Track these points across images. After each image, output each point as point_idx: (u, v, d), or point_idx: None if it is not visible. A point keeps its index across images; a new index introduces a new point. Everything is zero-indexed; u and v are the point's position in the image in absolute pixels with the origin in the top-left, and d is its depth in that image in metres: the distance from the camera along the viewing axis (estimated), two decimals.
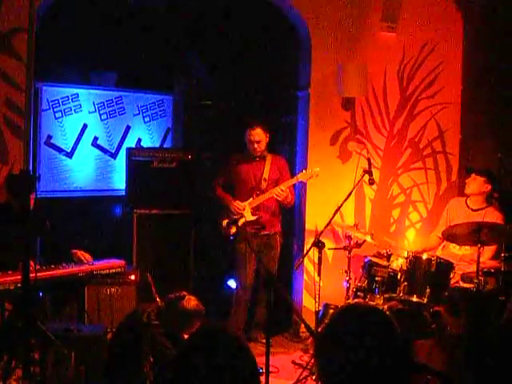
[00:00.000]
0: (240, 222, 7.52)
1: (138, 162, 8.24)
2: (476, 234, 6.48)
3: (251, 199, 7.69)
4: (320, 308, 6.82)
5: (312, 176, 7.58)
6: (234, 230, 7.44)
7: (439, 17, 8.47)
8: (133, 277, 7.26)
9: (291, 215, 8.28)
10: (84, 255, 6.93)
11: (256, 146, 7.70)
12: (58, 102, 8.63)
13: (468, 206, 7.38)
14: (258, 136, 7.68)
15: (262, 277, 7.51)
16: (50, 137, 8.60)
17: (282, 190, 7.57)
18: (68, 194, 8.84)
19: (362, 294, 6.95)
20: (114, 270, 7.04)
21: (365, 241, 7.22)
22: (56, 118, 8.62)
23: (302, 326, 6.74)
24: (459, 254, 7.26)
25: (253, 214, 7.67)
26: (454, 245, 7.29)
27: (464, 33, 8.56)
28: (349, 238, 7.15)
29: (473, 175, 7.35)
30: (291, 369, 6.98)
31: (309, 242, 7.56)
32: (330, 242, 7.88)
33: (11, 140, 7.12)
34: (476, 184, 7.31)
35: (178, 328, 5.49)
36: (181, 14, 9.29)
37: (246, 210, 7.62)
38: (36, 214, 6.59)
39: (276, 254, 7.86)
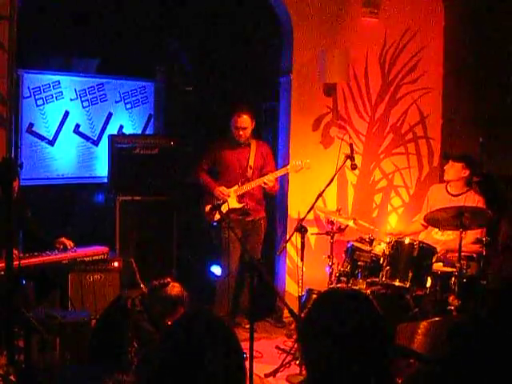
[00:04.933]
0: (223, 208, 7.47)
1: (121, 148, 8.22)
2: (458, 219, 6.51)
3: (237, 186, 7.68)
4: (303, 293, 6.84)
5: (302, 168, 7.57)
6: (217, 216, 7.38)
7: (421, 2, 8.50)
8: (116, 263, 7.25)
9: (274, 200, 8.29)
10: (67, 242, 6.93)
11: (242, 132, 7.67)
12: (40, 90, 8.59)
13: (448, 192, 7.40)
14: (245, 123, 7.65)
15: (246, 262, 7.53)
16: (31, 124, 8.57)
17: (270, 180, 7.58)
18: (50, 181, 8.81)
19: (344, 279, 6.97)
20: (97, 257, 7.05)
21: (347, 226, 7.23)
22: (37, 106, 8.59)
23: (286, 311, 6.76)
24: (442, 239, 7.29)
25: (239, 202, 7.67)
26: (436, 230, 7.32)
27: (445, 18, 8.59)
28: (331, 223, 7.16)
29: (450, 161, 7.38)
30: (275, 354, 7.00)
31: (291, 227, 7.57)
32: (313, 227, 7.91)
33: None
34: (454, 170, 7.32)
35: (161, 314, 5.49)
36: (162, 0, 9.27)
37: (231, 197, 7.61)
38: (17, 203, 6.58)
39: (260, 239, 7.88)
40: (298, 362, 6.39)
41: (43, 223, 7.18)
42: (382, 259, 6.74)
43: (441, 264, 6.88)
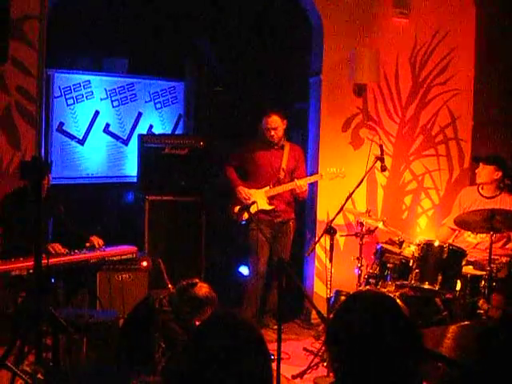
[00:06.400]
0: (252, 209, 7.40)
1: (150, 148, 8.24)
2: (489, 221, 6.45)
3: (268, 188, 7.65)
4: (331, 295, 6.81)
5: (338, 176, 7.55)
6: (245, 215, 7.35)
7: (452, 2, 8.43)
8: (145, 263, 7.27)
9: (303, 202, 8.26)
10: (97, 240, 6.97)
11: (273, 133, 7.65)
12: (70, 89, 8.64)
13: (481, 195, 7.33)
14: (275, 123, 7.63)
15: (275, 263, 7.50)
16: (61, 124, 8.62)
17: (302, 186, 7.55)
18: (80, 180, 8.86)
19: (373, 281, 6.93)
20: (125, 257, 7.06)
21: (377, 227, 7.19)
22: (68, 105, 8.64)
23: (314, 312, 6.74)
24: (474, 242, 7.22)
25: (269, 204, 7.64)
26: (468, 233, 7.24)
27: (477, 19, 8.52)
28: (361, 224, 7.12)
29: (481, 164, 7.30)
30: (302, 355, 6.97)
31: (320, 228, 7.54)
32: (342, 228, 7.88)
33: (23, 127, 7.12)
34: (486, 172, 7.24)
35: (189, 315, 5.49)
36: (192, 0, 9.28)
37: (261, 198, 7.57)
38: (50, 199, 6.64)
39: (289, 240, 7.86)
40: (325, 364, 6.36)
41: (73, 221, 7.21)
42: (411, 261, 6.68)
43: (471, 267, 6.82)
